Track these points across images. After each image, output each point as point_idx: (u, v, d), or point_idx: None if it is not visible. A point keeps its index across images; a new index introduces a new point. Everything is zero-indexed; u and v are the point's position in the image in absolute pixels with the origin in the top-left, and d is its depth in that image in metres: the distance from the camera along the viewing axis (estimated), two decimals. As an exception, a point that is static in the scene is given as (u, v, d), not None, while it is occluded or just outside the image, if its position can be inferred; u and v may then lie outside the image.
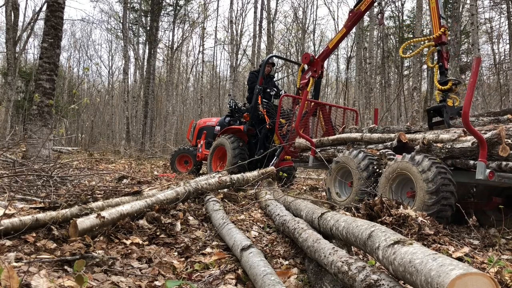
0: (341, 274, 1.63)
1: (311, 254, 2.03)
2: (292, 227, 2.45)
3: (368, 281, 1.43)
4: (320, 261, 1.88)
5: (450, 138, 4.10)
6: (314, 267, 2.07)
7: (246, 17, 58.94)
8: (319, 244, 1.97)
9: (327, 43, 7.38)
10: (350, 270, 1.57)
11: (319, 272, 2.00)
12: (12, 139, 7.82)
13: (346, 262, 1.64)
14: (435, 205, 3.71)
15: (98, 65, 33.64)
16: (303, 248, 2.20)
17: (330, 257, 1.77)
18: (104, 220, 2.51)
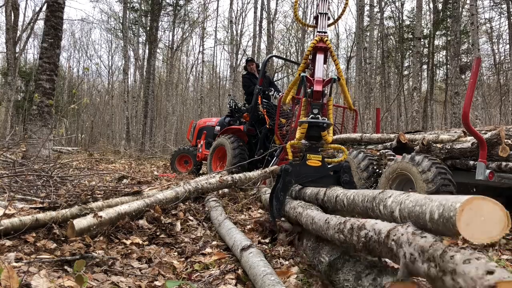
0: (339, 233, 1.70)
1: (312, 227, 2.09)
2: (298, 212, 2.48)
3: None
4: (320, 230, 1.93)
5: (450, 138, 4.10)
6: (312, 243, 2.13)
7: (246, 17, 58.93)
8: (320, 215, 2.06)
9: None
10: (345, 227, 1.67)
11: (317, 248, 2.07)
12: (12, 139, 7.82)
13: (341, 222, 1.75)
14: (435, 205, 3.72)
15: (98, 65, 33.66)
16: (307, 227, 2.24)
17: (331, 221, 1.85)
18: (101, 219, 2.51)
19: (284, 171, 2.81)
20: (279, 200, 2.75)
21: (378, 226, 1.41)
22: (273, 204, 2.75)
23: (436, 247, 1.07)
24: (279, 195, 2.76)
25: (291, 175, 2.79)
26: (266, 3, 21.49)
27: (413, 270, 1.16)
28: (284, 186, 2.79)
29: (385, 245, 1.32)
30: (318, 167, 2.87)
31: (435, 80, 21.59)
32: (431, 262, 1.06)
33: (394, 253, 1.26)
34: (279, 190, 2.78)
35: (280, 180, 2.80)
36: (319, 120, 2.93)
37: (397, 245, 1.24)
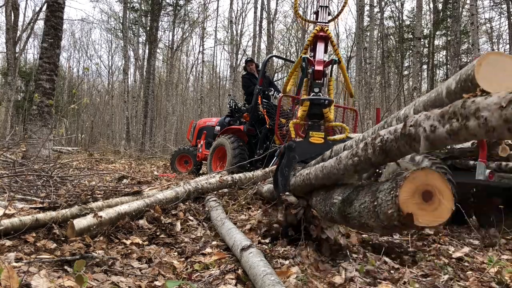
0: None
1: (324, 172, 2.07)
2: (305, 173, 2.49)
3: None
4: (332, 169, 1.92)
5: (450, 138, 4.10)
6: (322, 195, 2.14)
7: (246, 17, 58.96)
8: (330, 159, 2.04)
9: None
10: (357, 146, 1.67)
11: (327, 196, 2.07)
12: (12, 139, 7.82)
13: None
14: (435, 205, 3.72)
15: (98, 65, 33.67)
16: (317, 178, 2.21)
17: (343, 155, 1.84)
18: (101, 219, 2.51)
19: (288, 147, 2.86)
20: (284, 176, 2.80)
21: (393, 127, 1.41)
22: (279, 180, 2.79)
23: (456, 103, 1.07)
24: (284, 171, 2.81)
25: (295, 151, 2.84)
26: (266, 3, 21.51)
27: (434, 140, 1.16)
28: (288, 162, 2.84)
29: (402, 137, 1.30)
30: (321, 144, 2.92)
31: (435, 80, 21.59)
32: (452, 119, 1.07)
33: (413, 137, 1.25)
34: (283, 166, 2.83)
35: (285, 156, 2.84)
36: (320, 97, 2.99)
37: (416, 126, 1.23)
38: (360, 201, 1.70)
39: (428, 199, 1.34)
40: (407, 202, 1.35)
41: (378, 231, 1.65)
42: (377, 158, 1.52)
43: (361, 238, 2.81)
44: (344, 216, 1.83)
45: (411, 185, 1.36)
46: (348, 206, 1.80)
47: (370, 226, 1.63)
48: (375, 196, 1.57)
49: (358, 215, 1.69)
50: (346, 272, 2.13)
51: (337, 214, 1.93)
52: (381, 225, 1.54)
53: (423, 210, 1.34)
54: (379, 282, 2.08)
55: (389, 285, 2.03)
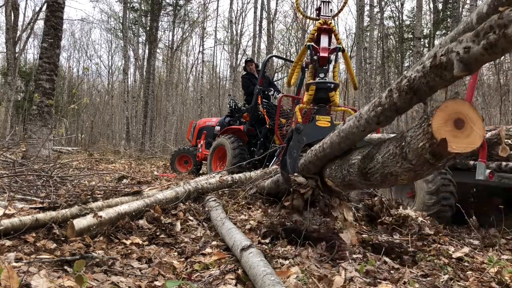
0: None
1: (341, 135, 2.08)
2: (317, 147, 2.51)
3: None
4: (351, 129, 1.94)
5: (450, 138, 4.10)
6: (336, 164, 2.15)
7: (246, 17, 58.98)
8: (349, 122, 2.05)
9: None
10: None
11: (343, 162, 2.08)
12: (12, 139, 7.81)
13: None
14: (435, 206, 3.72)
15: (97, 65, 33.68)
16: (333, 143, 2.22)
17: (363, 110, 1.85)
18: (101, 219, 2.51)
19: (296, 130, 2.92)
20: (293, 157, 2.85)
21: (420, 65, 1.41)
22: (287, 162, 2.82)
23: (491, 18, 1.08)
24: (292, 153, 2.87)
25: (302, 134, 2.89)
26: (266, 3, 21.51)
27: (469, 60, 1.17)
28: (296, 144, 2.91)
29: (432, 70, 1.31)
30: (327, 128, 2.97)
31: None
32: (488, 33, 1.08)
33: (444, 66, 1.26)
34: (292, 148, 2.88)
35: (293, 139, 2.90)
36: (326, 81, 3.07)
37: (447, 54, 1.24)
38: (382, 152, 1.72)
39: (460, 126, 1.38)
40: (440, 130, 1.38)
41: (403, 177, 1.65)
42: (404, 101, 1.52)
43: (361, 238, 2.80)
44: (365, 174, 1.84)
45: (443, 113, 1.39)
46: (369, 161, 1.81)
47: (394, 174, 1.64)
48: (401, 139, 1.58)
49: (381, 167, 1.71)
50: (346, 272, 2.13)
51: (356, 174, 1.93)
52: (408, 168, 1.55)
53: (456, 137, 1.37)
54: (379, 282, 2.08)
55: (389, 285, 2.03)
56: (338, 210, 2.55)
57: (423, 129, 1.44)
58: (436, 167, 1.50)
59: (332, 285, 1.99)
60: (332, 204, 2.55)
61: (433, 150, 1.41)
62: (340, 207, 2.57)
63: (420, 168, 1.53)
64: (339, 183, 2.22)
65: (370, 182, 1.88)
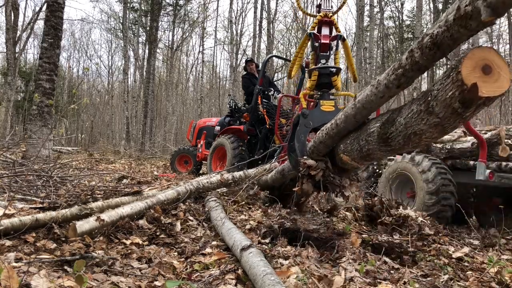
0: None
1: (357, 106, 2.10)
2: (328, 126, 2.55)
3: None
4: (369, 96, 1.96)
5: (450, 138, 4.10)
6: (351, 138, 2.17)
7: (246, 17, 58.91)
8: (365, 92, 2.08)
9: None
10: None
11: (358, 135, 2.11)
12: (12, 139, 7.81)
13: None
14: (435, 206, 3.72)
15: (97, 65, 33.70)
16: (347, 117, 2.25)
17: (380, 77, 1.90)
18: (103, 222, 2.51)
19: (302, 114, 3.00)
20: (301, 141, 2.92)
21: (442, 20, 1.45)
22: (296, 146, 2.87)
23: None
24: (300, 137, 2.94)
25: (308, 119, 2.94)
26: (266, 3, 21.50)
27: (496, 3, 1.20)
28: (303, 128, 2.98)
29: (456, 22, 1.35)
30: (332, 112, 3.04)
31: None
32: None
33: (469, 15, 1.30)
34: (299, 132, 2.95)
35: (300, 123, 2.96)
36: (329, 66, 3.14)
37: (472, 3, 1.27)
38: (404, 114, 1.75)
39: (488, 72, 1.45)
40: (469, 76, 1.45)
41: (428, 135, 1.69)
42: (426, 58, 1.57)
43: (361, 238, 2.80)
44: (385, 139, 1.88)
45: (471, 61, 1.46)
46: (389, 126, 1.85)
47: (418, 133, 1.69)
48: (426, 95, 1.63)
49: (403, 128, 1.75)
50: (346, 272, 2.13)
51: (376, 142, 1.96)
52: (434, 123, 1.60)
53: (485, 82, 1.44)
54: (379, 282, 2.08)
55: (389, 285, 2.03)
56: (350, 190, 2.59)
57: (452, 78, 1.50)
58: (464, 117, 1.56)
59: (332, 285, 1.99)
60: (343, 184, 2.57)
61: (463, 97, 1.47)
62: (351, 187, 2.61)
63: (447, 121, 1.58)
64: (355, 156, 2.23)
65: (391, 147, 1.91)
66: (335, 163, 2.56)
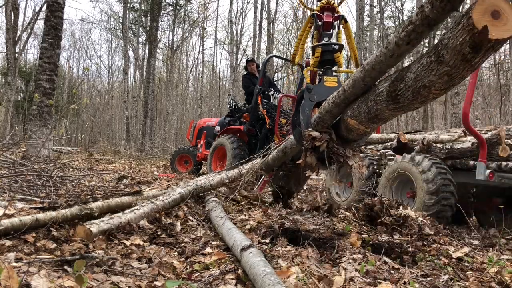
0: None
1: (367, 72, 2.19)
2: (334, 94, 2.64)
3: None
4: (376, 60, 2.07)
5: (450, 138, 4.10)
6: (360, 100, 2.22)
7: (246, 17, 58.98)
8: (374, 54, 2.17)
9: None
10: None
11: (368, 96, 2.17)
12: (12, 139, 7.82)
13: None
14: (435, 206, 3.72)
15: (97, 65, 33.73)
16: (354, 84, 2.31)
17: (390, 37, 2.09)
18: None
19: (307, 89, 3.09)
20: (306, 115, 3.02)
21: None
22: (301, 119, 2.97)
23: None
24: (305, 110, 3.07)
25: (313, 93, 3.01)
26: (266, 3, 21.50)
27: None
28: (308, 102, 3.08)
29: None
30: (335, 87, 3.11)
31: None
32: None
33: None
34: (304, 106, 3.05)
35: (304, 97, 3.05)
36: (331, 42, 3.24)
37: None
38: (414, 69, 1.83)
39: (497, 17, 1.58)
40: (480, 20, 1.57)
41: (437, 86, 1.77)
42: (437, 11, 1.65)
43: (361, 238, 2.80)
44: (395, 97, 1.96)
45: (481, 7, 1.59)
46: (399, 83, 1.92)
47: (428, 85, 1.78)
48: (436, 46, 1.73)
49: (413, 82, 1.83)
50: (346, 272, 2.13)
51: (384, 100, 2.03)
52: (444, 72, 1.70)
53: (494, 25, 1.57)
54: (379, 282, 2.08)
55: (389, 285, 2.03)
56: (353, 159, 2.67)
57: (462, 25, 1.61)
58: (472, 63, 1.66)
59: (332, 285, 1.99)
60: (346, 154, 2.65)
61: (474, 42, 1.58)
62: (355, 157, 2.69)
63: (456, 69, 1.68)
64: (363, 118, 2.30)
65: (400, 104, 1.98)
66: (339, 134, 2.65)
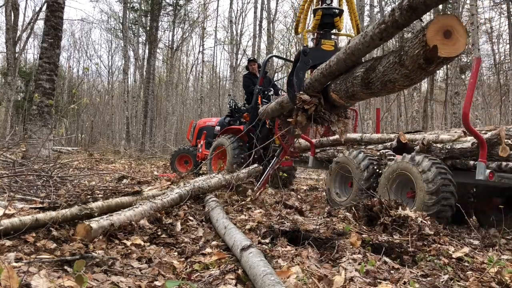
0: None
1: (347, 55, 2.49)
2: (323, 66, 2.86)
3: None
4: (357, 46, 2.39)
5: (450, 138, 4.10)
6: (342, 77, 2.46)
7: (246, 17, 58.89)
8: (354, 40, 2.52)
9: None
10: None
11: (348, 77, 2.44)
12: (12, 139, 7.81)
13: None
14: (435, 206, 3.71)
15: (97, 65, 33.68)
16: (338, 62, 2.56)
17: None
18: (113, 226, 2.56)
19: (303, 52, 3.14)
20: (299, 78, 3.11)
21: None
22: (294, 82, 3.01)
23: None
24: (299, 73, 3.14)
25: (308, 56, 3.07)
26: (266, 3, 21.49)
27: None
28: (303, 65, 3.16)
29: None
30: (331, 51, 3.17)
31: (435, 80, 21.55)
32: None
33: None
34: (298, 69, 3.17)
35: (300, 60, 3.07)
36: (332, 6, 3.33)
37: None
38: (383, 63, 2.06)
39: (448, 36, 1.75)
40: (433, 39, 1.76)
41: (400, 83, 1.99)
42: (404, 18, 1.84)
43: (361, 238, 2.80)
44: (367, 83, 2.18)
45: (435, 26, 1.77)
46: (371, 72, 2.14)
47: (393, 81, 2.00)
48: (400, 49, 1.94)
49: (381, 75, 2.05)
50: (346, 272, 2.13)
51: (359, 85, 2.26)
52: (405, 74, 1.92)
53: (445, 44, 1.76)
54: (379, 282, 2.08)
55: (389, 285, 2.03)
56: (337, 125, 2.86)
57: (419, 39, 1.81)
58: (427, 71, 1.89)
59: (332, 285, 1.99)
60: (331, 119, 2.83)
61: (426, 56, 1.79)
62: (338, 123, 2.88)
63: (414, 73, 1.91)
64: (343, 95, 2.51)
65: (371, 90, 2.20)
66: (328, 100, 2.84)
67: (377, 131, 6.59)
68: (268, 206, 3.77)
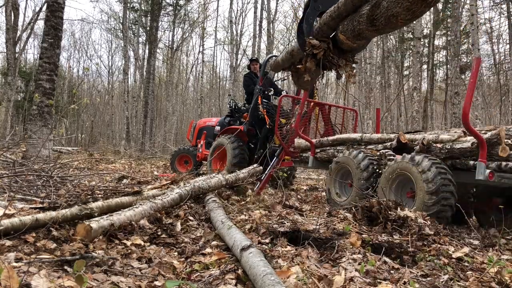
0: None
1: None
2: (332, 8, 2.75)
3: None
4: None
5: (450, 138, 4.10)
6: (349, 18, 2.50)
7: (246, 17, 58.94)
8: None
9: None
10: None
11: (354, 16, 2.47)
12: (12, 139, 7.82)
13: None
14: (435, 206, 3.71)
15: (98, 65, 33.72)
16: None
17: None
18: (113, 226, 2.56)
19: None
20: (309, 23, 3.11)
21: None
22: (303, 28, 3.07)
23: None
24: (309, 19, 3.10)
25: (318, 2, 3.13)
26: (266, 3, 21.50)
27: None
28: (313, 10, 3.13)
29: None
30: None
31: (435, 80, 21.57)
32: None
33: None
34: (309, 15, 3.10)
35: (310, 6, 3.10)
36: None
37: None
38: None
39: None
40: None
41: (402, 17, 2.05)
42: None
43: (361, 238, 2.81)
44: (372, 20, 2.25)
45: None
46: (376, 9, 2.20)
47: (395, 15, 2.07)
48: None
49: (385, 11, 2.12)
50: (346, 272, 2.14)
51: (365, 22, 2.32)
52: (406, 7, 1.98)
53: None
54: (379, 282, 2.08)
55: (389, 285, 2.03)
56: (344, 69, 2.94)
57: None
58: (427, 3, 1.93)
59: (332, 285, 1.99)
60: (339, 64, 2.90)
61: None
62: (346, 67, 2.96)
63: (415, 5, 1.97)
64: (349, 35, 2.60)
65: (376, 27, 2.26)
66: (336, 45, 2.88)
67: (377, 131, 6.59)
68: (268, 206, 3.77)
